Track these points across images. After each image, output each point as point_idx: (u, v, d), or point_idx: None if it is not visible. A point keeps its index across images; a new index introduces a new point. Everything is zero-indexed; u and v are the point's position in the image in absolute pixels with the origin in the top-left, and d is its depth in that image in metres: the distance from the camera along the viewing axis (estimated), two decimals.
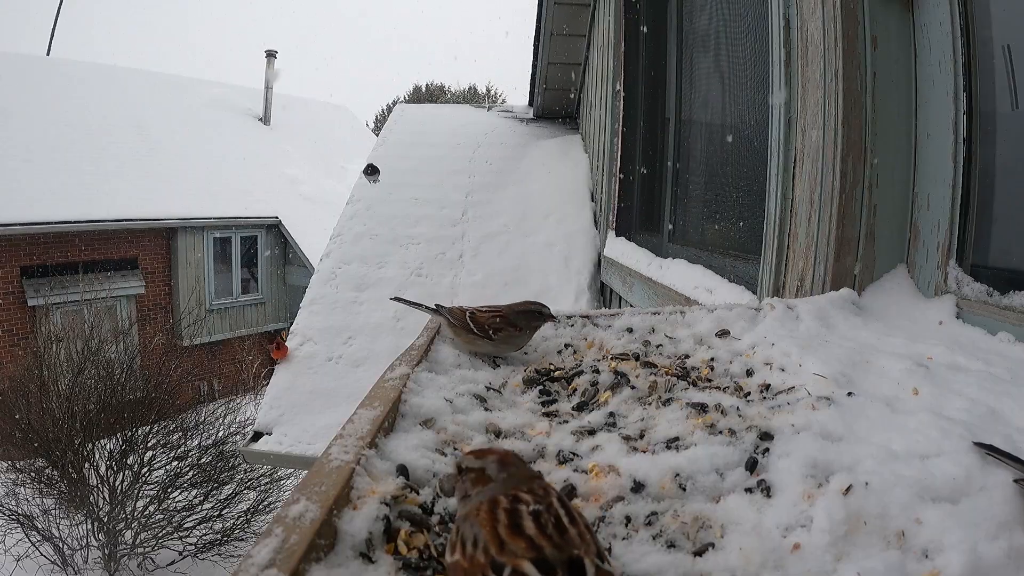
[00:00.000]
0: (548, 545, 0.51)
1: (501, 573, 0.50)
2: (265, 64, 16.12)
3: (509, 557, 0.50)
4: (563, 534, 0.52)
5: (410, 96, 31.40)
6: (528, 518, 0.53)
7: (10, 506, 6.99)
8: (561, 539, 0.52)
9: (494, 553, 0.51)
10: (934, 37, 1.44)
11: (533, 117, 7.03)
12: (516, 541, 0.51)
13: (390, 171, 5.73)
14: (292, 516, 0.62)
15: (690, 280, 2.64)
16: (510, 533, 0.52)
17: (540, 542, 0.51)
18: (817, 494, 0.73)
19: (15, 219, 10.22)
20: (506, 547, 0.51)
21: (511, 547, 0.51)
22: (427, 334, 1.33)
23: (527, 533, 0.52)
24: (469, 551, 0.53)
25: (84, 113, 12.66)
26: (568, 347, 1.35)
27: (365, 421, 0.85)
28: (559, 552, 0.51)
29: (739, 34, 2.66)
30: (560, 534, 0.52)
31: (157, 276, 12.55)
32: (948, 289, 1.39)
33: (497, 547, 0.51)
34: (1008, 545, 0.63)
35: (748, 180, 2.46)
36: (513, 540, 0.51)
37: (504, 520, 0.53)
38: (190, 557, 7.29)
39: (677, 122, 3.59)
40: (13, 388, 7.68)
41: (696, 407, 0.96)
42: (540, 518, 0.53)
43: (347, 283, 4.71)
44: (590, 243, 4.84)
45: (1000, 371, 1.05)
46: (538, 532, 0.52)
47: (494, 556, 0.51)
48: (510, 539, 0.52)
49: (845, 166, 1.51)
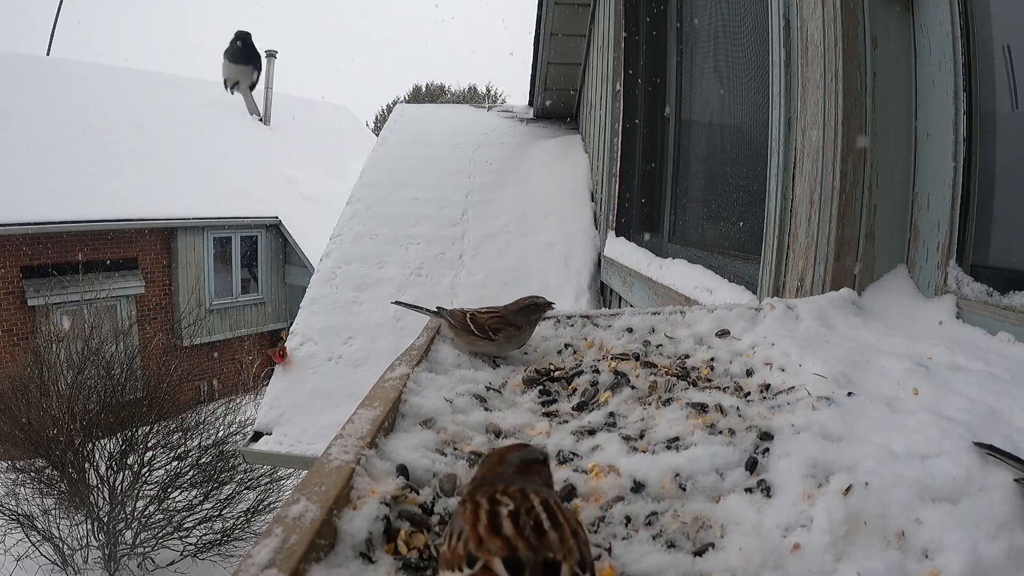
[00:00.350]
0: (523, 546, 0.53)
1: (473, 566, 0.52)
2: (265, 64, 16.11)
3: (484, 553, 0.52)
4: (541, 537, 0.54)
5: (410, 96, 31.41)
6: (506, 519, 0.55)
7: (10, 506, 6.99)
8: (538, 541, 0.53)
9: (472, 548, 0.53)
10: (934, 37, 1.44)
11: (533, 117, 7.03)
12: (493, 540, 0.53)
13: (390, 171, 5.73)
14: (292, 516, 0.62)
15: (690, 280, 2.64)
16: (488, 531, 0.54)
17: (516, 543, 0.53)
18: (817, 494, 0.73)
19: (15, 219, 10.22)
20: (483, 544, 0.53)
21: (487, 544, 0.53)
22: (427, 334, 1.33)
23: (504, 533, 0.54)
24: (453, 543, 0.56)
25: (84, 113, 12.65)
26: (568, 347, 1.35)
27: (365, 421, 0.85)
28: (533, 554, 0.52)
29: (739, 34, 2.66)
30: (538, 537, 0.54)
31: (157, 276, 12.55)
32: (948, 289, 1.39)
33: (476, 543, 0.54)
34: (1008, 545, 0.63)
35: (748, 180, 2.46)
36: (491, 539, 0.54)
37: (484, 520, 0.55)
38: (190, 557, 7.29)
39: (677, 122, 3.59)
40: (13, 388, 7.68)
41: (696, 407, 0.96)
42: (519, 520, 0.55)
43: (347, 283, 4.71)
44: (590, 243, 4.84)
45: (1000, 371, 1.05)
46: (515, 533, 0.54)
47: (471, 550, 0.53)
48: (488, 537, 0.54)
49: (845, 166, 1.51)
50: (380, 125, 16.67)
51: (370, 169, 5.85)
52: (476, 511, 0.57)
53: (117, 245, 11.88)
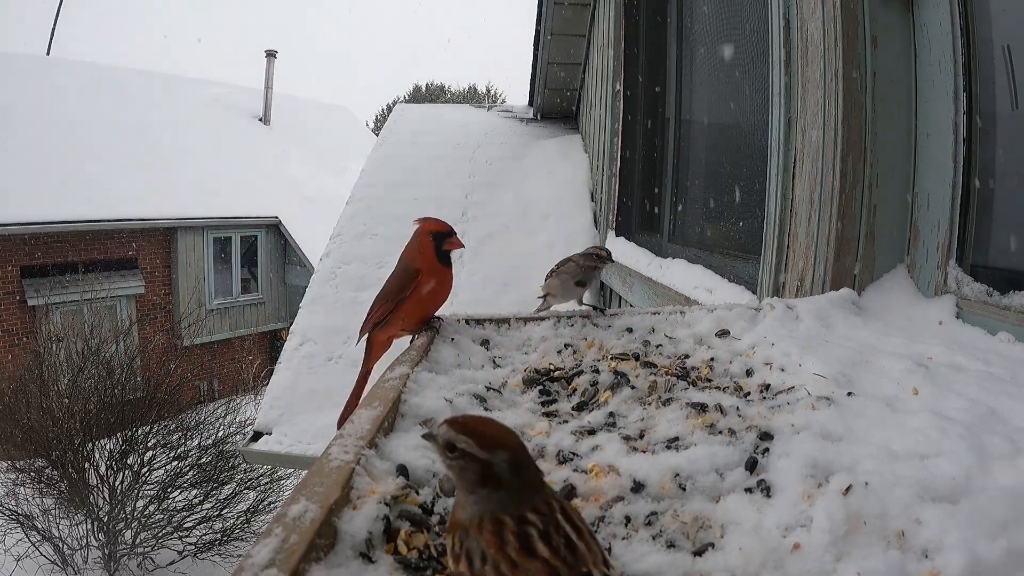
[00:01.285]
0: (562, 565, 0.52)
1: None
2: (265, 64, 16.12)
3: None
4: (574, 552, 0.53)
5: (410, 96, 31.39)
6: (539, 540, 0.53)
7: (10, 506, 6.99)
8: (573, 557, 0.53)
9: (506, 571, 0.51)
10: (934, 37, 1.44)
11: (533, 117, 7.03)
12: (530, 562, 0.52)
13: (390, 171, 5.73)
14: (292, 516, 0.62)
15: (690, 280, 2.64)
16: (522, 555, 0.52)
17: (555, 563, 0.52)
18: (817, 494, 0.73)
19: (15, 219, 10.22)
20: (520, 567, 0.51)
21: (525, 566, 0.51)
22: (427, 334, 1.33)
23: (541, 555, 0.52)
24: (477, 566, 0.53)
25: (84, 113, 12.65)
26: (568, 347, 1.35)
27: (365, 421, 0.85)
28: (571, 572, 0.52)
29: (739, 34, 2.66)
30: (571, 552, 0.53)
31: (157, 276, 12.56)
32: (948, 289, 1.39)
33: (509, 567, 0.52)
34: (1008, 545, 0.63)
35: (748, 180, 2.46)
36: (527, 561, 0.52)
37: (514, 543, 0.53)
38: (190, 557, 7.29)
39: (677, 122, 3.59)
40: (13, 388, 7.68)
41: (696, 407, 0.96)
42: (551, 540, 0.53)
43: (347, 283, 4.71)
44: (590, 243, 4.84)
45: (1000, 371, 1.05)
46: (552, 554, 0.52)
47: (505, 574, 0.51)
48: (523, 560, 0.52)
49: (845, 166, 1.51)
50: (380, 125, 16.67)
51: (370, 169, 5.85)
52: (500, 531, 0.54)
53: (117, 245, 11.89)
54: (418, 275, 1.36)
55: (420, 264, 1.37)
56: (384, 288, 1.42)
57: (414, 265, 1.38)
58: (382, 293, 1.42)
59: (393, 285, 1.40)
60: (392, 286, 1.40)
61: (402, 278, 1.38)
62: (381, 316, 1.41)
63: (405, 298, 1.36)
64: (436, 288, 1.37)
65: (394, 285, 1.39)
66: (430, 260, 1.38)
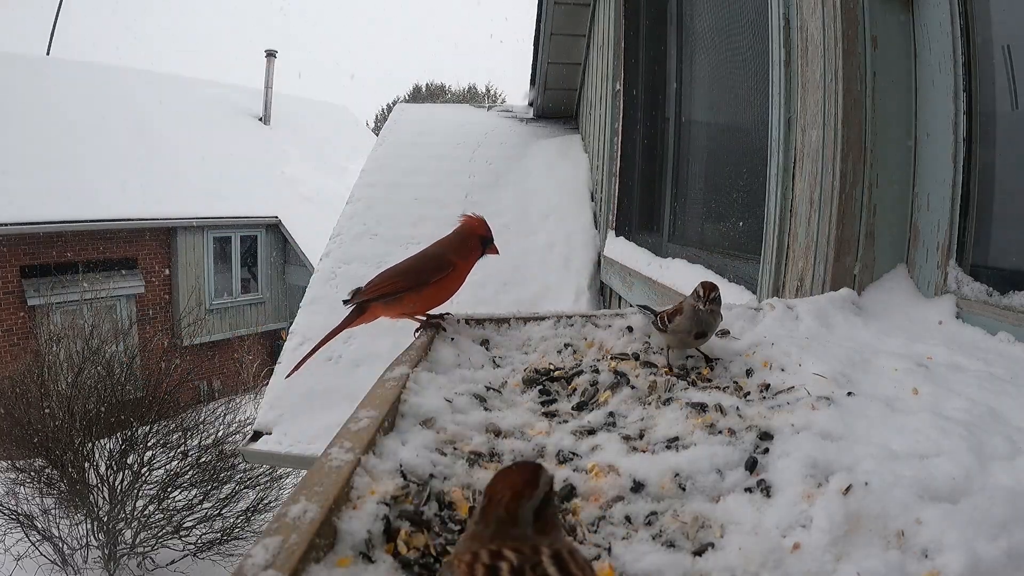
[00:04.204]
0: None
1: None
2: (265, 64, 16.12)
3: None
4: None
5: (410, 96, 31.41)
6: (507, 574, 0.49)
7: (10, 506, 6.99)
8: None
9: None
10: (934, 37, 1.44)
11: (533, 117, 7.03)
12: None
13: (390, 171, 5.72)
14: (292, 516, 0.62)
15: (690, 280, 2.64)
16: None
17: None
18: (817, 494, 0.73)
19: (15, 219, 10.22)
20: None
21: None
22: (427, 333, 1.33)
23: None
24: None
25: (84, 113, 12.65)
26: (568, 347, 1.35)
27: (365, 421, 0.85)
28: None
29: (739, 34, 2.66)
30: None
31: (157, 276, 12.56)
32: (948, 289, 1.39)
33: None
34: (1008, 545, 0.63)
35: (748, 180, 2.46)
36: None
37: None
38: (190, 557, 7.29)
39: (677, 122, 3.59)
40: (13, 388, 7.68)
41: (696, 407, 0.96)
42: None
43: (347, 283, 4.71)
44: (590, 243, 4.84)
45: (1000, 371, 1.05)
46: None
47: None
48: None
49: (845, 166, 1.51)
50: (380, 125, 16.66)
51: (370, 169, 5.85)
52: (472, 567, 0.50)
53: (117, 245, 11.89)
54: (451, 268, 1.36)
55: (457, 259, 1.37)
56: (402, 266, 1.40)
57: (450, 257, 1.37)
58: (399, 270, 1.40)
59: (416, 266, 1.38)
60: (415, 266, 1.38)
61: (432, 264, 1.37)
62: (390, 291, 1.38)
63: (427, 283, 1.35)
64: (455, 286, 1.38)
65: (418, 267, 1.38)
66: (468, 260, 1.39)
